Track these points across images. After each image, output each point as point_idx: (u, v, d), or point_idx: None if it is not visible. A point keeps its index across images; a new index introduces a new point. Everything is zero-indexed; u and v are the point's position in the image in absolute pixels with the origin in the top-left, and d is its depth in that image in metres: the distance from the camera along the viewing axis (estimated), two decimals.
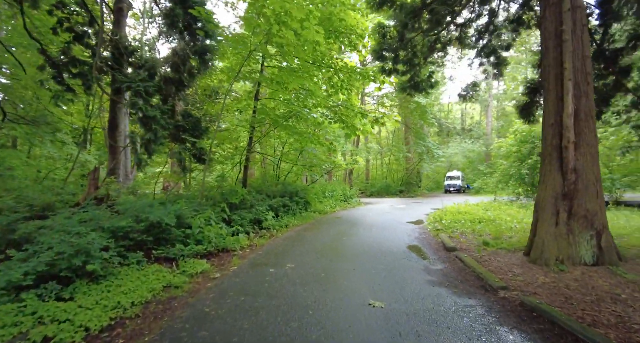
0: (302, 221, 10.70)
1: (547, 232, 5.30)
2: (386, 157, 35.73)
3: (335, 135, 19.55)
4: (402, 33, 9.01)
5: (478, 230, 8.23)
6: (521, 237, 7.14)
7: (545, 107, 5.68)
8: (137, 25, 20.52)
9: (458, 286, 4.56)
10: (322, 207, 14.09)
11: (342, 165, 18.32)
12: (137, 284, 4.53)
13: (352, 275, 5.02)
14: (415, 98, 25.72)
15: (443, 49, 9.27)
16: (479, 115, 52.95)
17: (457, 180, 31.43)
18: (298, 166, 15.07)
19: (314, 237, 8.09)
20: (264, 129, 13.40)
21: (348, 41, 12.38)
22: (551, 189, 5.38)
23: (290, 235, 8.48)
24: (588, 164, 5.17)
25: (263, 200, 10.28)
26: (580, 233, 5.10)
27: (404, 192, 29.25)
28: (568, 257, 5.12)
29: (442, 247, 6.91)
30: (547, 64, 5.67)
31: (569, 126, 5.17)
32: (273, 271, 5.24)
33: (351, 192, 20.01)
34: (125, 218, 5.99)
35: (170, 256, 5.85)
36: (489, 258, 5.79)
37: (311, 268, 5.32)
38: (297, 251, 6.60)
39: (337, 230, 9.23)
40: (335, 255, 6.24)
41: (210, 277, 5.15)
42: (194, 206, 7.90)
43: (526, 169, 14.45)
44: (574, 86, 5.22)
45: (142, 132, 8.74)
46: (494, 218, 9.97)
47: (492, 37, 9.31)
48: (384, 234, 8.49)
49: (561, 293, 4.15)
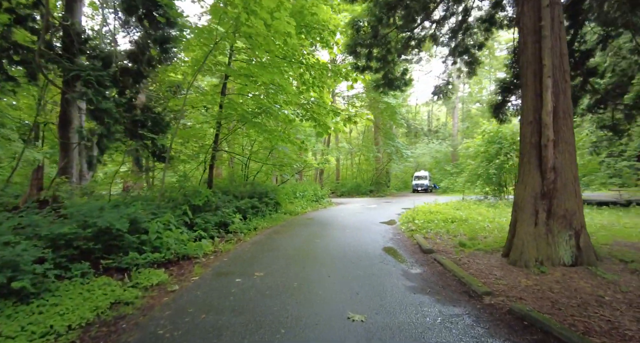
0: (273, 223, 10.15)
1: (527, 233, 5.16)
2: (356, 157, 35.81)
3: (307, 134, 19.11)
4: (376, 28, 8.74)
5: (452, 231, 8.10)
6: (496, 237, 7.06)
7: (524, 104, 5.56)
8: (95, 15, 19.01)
9: (440, 292, 4.26)
10: (293, 208, 13.59)
11: (314, 164, 17.92)
12: (78, 302, 3.85)
13: (327, 283, 4.59)
14: (385, 98, 25.90)
15: (417, 46, 9.09)
16: (445, 116, 54.70)
17: (424, 180, 32.04)
18: (268, 165, 14.46)
19: (285, 241, 7.59)
20: (232, 126, 12.70)
21: (320, 37, 11.98)
22: (530, 188, 5.25)
23: (259, 239, 7.92)
24: (567, 162, 5.08)
25: (230, 201, 9.63)
26: (559, 234, 4.99)
27: (374, 191, 29.38)
28: (547, 258, 5.00)
29: (418, 249, 6.66)
30: (525, 61, 5.55)
31: (548, 124, 5.05)
32: (240, 281, 4.70)
33: (322, 192, 19.65)
34: (69, 223, 5.23)
35: (123, 266, 5.16)
36: (468, 260, 5.59)
37: (282, 277, 4.83)
38: (266, 257, 6.08)
39: (309, 232, 8.79)
40: (309, 261, 5.79)
41: (168, 289, 4.53)
42: (152, 209, 7.17)
43: (494, 168, 14.76)
44: (553, 83, 5.11)
45: (94, 126, 7.88)
46: (466, 217, 9.96)
47: (465, 36, 9.27)
48: (358, 236, 8.16)
49: (547, 298, 3.96)
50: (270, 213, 11.02)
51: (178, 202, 8.18)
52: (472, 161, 17.10)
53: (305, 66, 11.09)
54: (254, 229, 8.81)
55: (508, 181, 15.64)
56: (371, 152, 30.75)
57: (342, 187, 29.73)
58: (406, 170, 38.03)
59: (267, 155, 14.67)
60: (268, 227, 9.51)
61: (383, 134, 30.60)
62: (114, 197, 8.75)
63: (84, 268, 4.68)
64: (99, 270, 4.95)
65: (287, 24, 7.80)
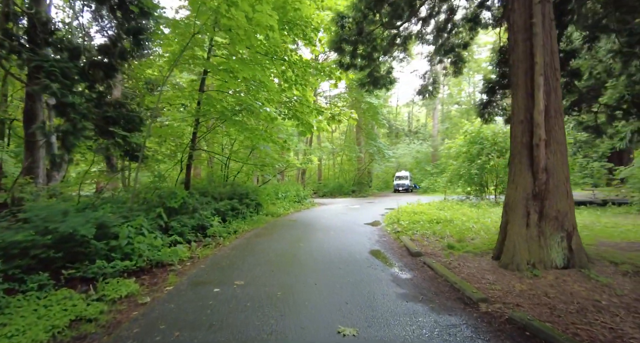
0: (254, 225, 9.73)
1: (519, 235, 5.02)
2: (338, 157, 35.67)
3: (289, 134, 18.72)
4: (361, 25, 8.49)
5: (439, 232, 7.95)
6: (483, 239, 6.95)
7: (514, 103, 5.43)
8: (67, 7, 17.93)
9: (434, 300, 4.02)
10: (275, 209, 13.18)
11: (297, 164, 17.55)
12: (31, 321, 3.38)
13: (313, 291, 4.27)
14: (368, 98, 25.87)
15: (403, 44, 8.91)
16: (425, 118, 55.53)
17: (405, 180, 32.25)
18: (249, 165, 13.98)
19: (267, 245, 7.22)
20: (211, 124, 12.18)
21: (303, 34, 11.66)
22: (522, 189, 5.11)
23: (239, 243, 7.51)
24: (558, 162, 4.97)
25: (208, 203, 9.15)
26: (551, 236, 4.87)
27: (356, 192, 29.28)
28: (540, 261, 4.86)
29: (406, 252, 6.44)
30: (515, 59, 5.42)
31: (540, 123, 4.92)
32: (218, 291, 4.31)
33: (305, 192, 19.32)
34: (25, 230, 4.69)
35: (88, 276, 4.67)
36: (459, 263, 5.40)
37: (265, 286, 4.47)
38: (247, 263, 5.69)
39: (292, 235, 8.44)
40: (293, 267, 5.45)
41: (138, 302, 4.09)
42: (123, 212, 6.66)
43: (476, 169, 14.85)
44: (545, 82, 4.99)
45: (59, 122, 7.28)
46: (450, 218, 9.87)
47: (451, 35, 9.16)
48: (343, 238, 7.88)
49: (544, 304, 3.79)
50: (251, 215, 10.59)
51: (152, 204, 7.67)
52: (454, 161, 17.19)
53: (287, 63, 10.75)
54: (234, 232, 8.38)
55: (489, 181, 15.81)
56: (353, 152, 30.67)
57: (324, 187, 29.48)
58: (387, 170, 38.22)
59: (248, 155, 14.20)
60: (249, 230, 9.09)
61: (365, 134, 30.57)
62: (84, 199, 8.13)
63: (42, 279, 4.19)
64: (60, 281, 4.45)
65: (269, 17, 7.44)
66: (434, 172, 33.87)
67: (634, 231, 7.67)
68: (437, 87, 9.03)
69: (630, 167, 11.87)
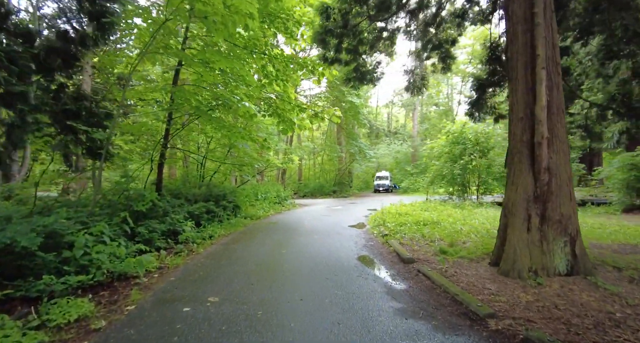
0: (231, 229, 9.05)
1: (519, 240, 4.67)
2: (319, 157, 35.21)
3: (268, 133, 18.05)
4: (347, 17, 8.03)
5: (428, 235, 7.58)
6: (476, 242, 6.61)
7: (513, 99, 5.09)
8: None
9: (435, 315, 3.58)
10: (255, 212, 12.52)
11: (277, 164, 16.90)
12: None
13: (300, 310, 3.72)
14: (349, 97, 25.55)
15: (390, 38, 8.51)
16: (404, 118, 56.07)
17: (386, 180, 32.21)
18: (226, 165, 13.22)
19: (246, 252, 6.60)
20: (186, 120, 11.37)
21: (284, 28, 11.05)
22: (522, 191, 4.77)
23: (215, 249, 6.85)
24: (561, 162, 4.66)
25: (181, 206, 8.41)
26: (554, 240, 4.55)
27: (337, 192, 28.94)
28: (542, 267, 4.53)
29: (397, 258, 6.00)
30: (514, 52, 5.08)
31: (543, 120, 4.59)
32: (188, 311, 3.69)
33: (286, 193, 18.70)
34: None
35: (32, 295, 3.93)
36: (455, 271, 5.00)
37: (243, 303, 3.89)
38: (223, 274, 5.07)
39: (273, 239, 7.85)
40: (275, 278, 4.88)
41: (91, 327, 3.42)
42: (82, 217, 5.88)
43: (458, 169, 14.74)
44: (547, 76, 4.66)
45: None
46: (437, 219, 9.56)
47: (439, 30, 8.85)
48: (328, 243, 7.37)
49: (556, 318, 3.42)
50: (229, 218, 9.89)
51: (118, 207, 6.88)
52: (436, 161, 17.06)
53: (268, 57, 10.15)
54: (209, 238, 7.69)
55: (471, 182, 15.76)
56: (335, 151, 30.28)
57: (305, 187, 28.93)
58: (367, 170, 38.15)
59: (226, 154, 13.44)
60: (226, 235, 8.42)
61: (346, 134, 30.27)
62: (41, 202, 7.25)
63: None
64: None
65: (248, 4, 6.83)
66: (414, 172, 34.04)
67: (622, 232, 7.59)
68: (425, 83, 8.68)
69: (609, 168, 12.02)
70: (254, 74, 12.17)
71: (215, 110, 9.72)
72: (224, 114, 10.34)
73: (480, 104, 7.93)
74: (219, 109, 10.00)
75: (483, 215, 10.65)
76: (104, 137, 6.62)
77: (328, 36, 8.11)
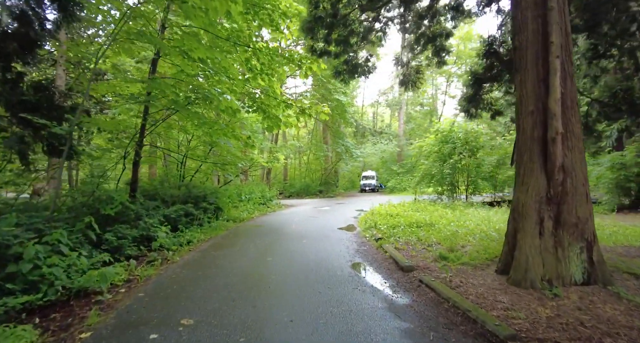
0: (212, 234, 8.36)
1: (532, 246, 4.23)
2: (305, 157, 34.61)
3: (252, 130, 17.33)
4: (337, 5, 7.50)
5: (424, 238, 7.13)
6: (476, 247, 6.18)
7: (522, 92, 4.65)
8: None
9: (449, 338, 3.08)
10: (238, 214, 11.83)
11: (263, 162, 16.21)
12: None
13: (290, 335, 3.14)
14: (336, 95, 25.07)
15: (382, 30, 8.02)
16: (389, 118, 56.15)
17: (372, 179, 31.92)
18: (208, 164, 12.46)
19: (227, 260, 5.96)
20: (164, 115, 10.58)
21: (270, 19, 10.40)
22: (534, 192, 4.34)
23: (193, 257, 6.18)
24: (577, 160, 4.25)
25: (157, 208, 7.69)
26: (570, 246, 4.13)
27: (323, 192, 28.42)
28: (557, 276, 4.11)
29: (394, 265, 5.50)
30: (524, 40, 4.65)
31: (557, 114, 4.16)
32: (156, 339, 3.06)
33: (271, 193, 18.02)
34: None
35: None
36: (460, 280, 4.53)
37: (222, 327, 3.28)
38: (201, 288, 4.44)
39: (258, 245, 7.22)
40: (260, 293, 4.28)
41: None
42: (38, 223, 5.14)
43: (448, 168, 14.44)
44: (560, 66, 4.24)
45: None
46: (430, 221, 9.15)
47: (432, 23, 8.42)
48: (318, 248, 6.81)
49: (585, 338, 2.97)
50: (209, 222, 9.19)
51: (82, 211, 6.13)
52: (425, 161, 16.75)
53: (252, 50, 9.51)
54: (187, 244, 7.00)
55: (460, 181, 15.51)
56: (321, 150, 29.74)
57: (290, 187, 28.28)
58: (353, 170, 37.82)
59: (207, 152, 12.69)
60: (206, 240, 7.73)
61: (332, 133, 29.78)
62: None
63: None
64: None
65: None
66: (400, 171, 33.87)
67: (622, 233, 7.33)
68: (420, 77, 8.23)
69: (599, 168, 11.93)
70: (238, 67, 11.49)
71: (195, 104, 9.01)
72: (204, 108, 9.63)
73: (476, 100, 7.54)
74: (199, 103, 9.31)
75: (476, 216, 10.31)
76: (65, 131, 5.84)
77: (317, 25, 7.55)
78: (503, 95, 7.81)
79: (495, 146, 15.39)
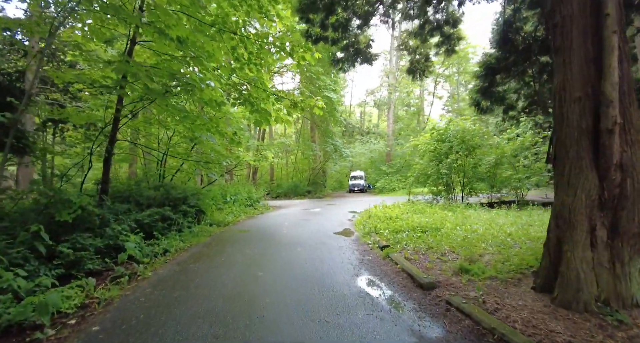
0: (193, 241, 7.36)
1: (582, 260, 3.48)
2: (292, 156, 33.64)
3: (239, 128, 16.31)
4: None
5: (434, 246, 6.35)
6: (497, 256, 5.42)
7: (565, 75, 3.90)
8: None
9: None
10: (223, 217, 10.81)
11: (249, 160, 15.21)
12: None
13: None
14: (326, 92, 24.27)
15: (385, 13, 7.23)
16: (377, 118, 55.84)
17: (360, 179, 31.25)
18: (190, 162, 11.41)
19: (210, 275, 5.02)
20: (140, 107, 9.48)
21: (258, 6, 9.48)
22: (583, 195, 3.59)
23: (169, 272, 5.20)
24: (637, 157, 3.53)
25: (128, 212, 6.66)
26: (631, 261, 3.41)
27: (312, 192, 27.55)
28: (616, 297, 3.37)
29: (410, 281, 4.69)
30: (566, 14, 3.89)
31: (614, 100, 3.44)
32: None
33: (258, 194, 17.02)
34: None
35: None
36: (496, 301, 3.74)
37: None
38: (174, 317, 3.50)
39: (246, 255, 6.29)
40: (251, 324, 3.37)
41: None
42: None
43: (445, 168, 13.81)
44: (619, 43, 3.52)
45: None
46: (434, 224, 8.41)
47: (437, 9, 7.69)
48: (315, 259, 5.93)
49: None
50: (190, 227, 8.17)
51: (31, 217, 5.08)
52: (420, 160, 16.10)
53: (239, 37, 8.58)
54: (163, 254, 6.02)
55: (456, 181, 14.90)
56: (309, 149, 28.85)
57: (278, 188, 27.28)
58: (341, 169, 37.10)
59: (190, 150, 11.63)
60: (185, 248, 6.73)
61: (321, 132, 28.95)
62: None
63: None
64: None
65: None
66: (390, 171, 33.32)
67: None
68: (429, 65, 7.47)
69: None
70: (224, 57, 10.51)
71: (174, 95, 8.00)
72: (185, 99, 8.62)
73: (490, 92, 6.83)
74: (179, 93, 8.30)
75: (479, 218, 9.63)
76: (8, 120, 4.79)
77: (315, 5, 6.69)
78: (520, 86, 7.12)
79: (492, 145, 14.84)
